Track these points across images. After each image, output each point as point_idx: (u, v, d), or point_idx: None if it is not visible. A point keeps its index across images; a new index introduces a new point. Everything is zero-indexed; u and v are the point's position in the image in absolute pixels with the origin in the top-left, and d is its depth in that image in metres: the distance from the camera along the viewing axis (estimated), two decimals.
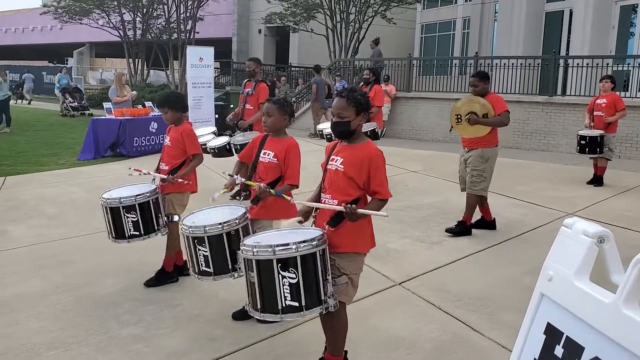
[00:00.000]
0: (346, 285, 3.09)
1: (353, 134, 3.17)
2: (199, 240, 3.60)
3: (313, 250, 2.87)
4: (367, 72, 8.97)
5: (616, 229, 6.31)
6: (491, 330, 3.82)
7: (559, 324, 1.31)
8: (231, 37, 29.53)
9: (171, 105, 4.76)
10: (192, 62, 12.46)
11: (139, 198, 4.39)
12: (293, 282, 2.83)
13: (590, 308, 1.22)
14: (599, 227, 1.29)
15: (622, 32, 16.24)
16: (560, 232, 1.38)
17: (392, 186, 8.26)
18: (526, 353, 1.39)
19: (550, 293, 1.36)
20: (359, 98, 3.11)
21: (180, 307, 4.26)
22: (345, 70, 17.69)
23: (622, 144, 11.23)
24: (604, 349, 1.16)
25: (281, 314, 2.88)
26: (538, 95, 13.50)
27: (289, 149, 3.84)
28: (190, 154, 4.73)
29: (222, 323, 3.95)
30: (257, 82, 7.67)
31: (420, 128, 14.87)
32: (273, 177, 3.85)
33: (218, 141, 7.49)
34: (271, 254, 2.83)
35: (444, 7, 25.80)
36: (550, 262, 1.38)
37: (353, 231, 3.08)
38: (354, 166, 3.09)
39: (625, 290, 1.14)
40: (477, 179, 6.04)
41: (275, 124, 3.90)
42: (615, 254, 1.29)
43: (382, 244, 5.63)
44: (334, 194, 3.13)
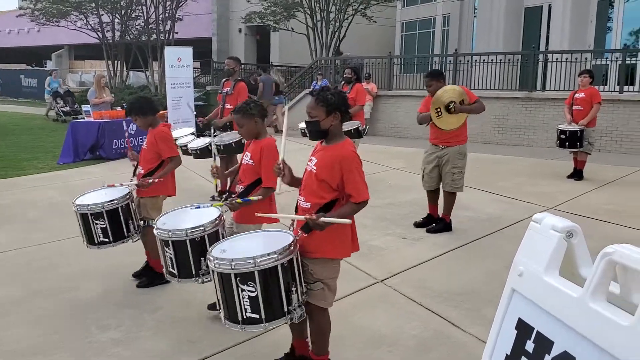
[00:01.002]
0: (322, 291, 3.03)
1: (326, 134, 3.09)
2: (165, 242, 3.59)
3: (274, 264, 2.80)
4: (349, 71, 8.96)
5: (596, 222, 6.39)
6: (472, 326, 3.84)
7: (530, 319, 1.31)
8: (211, 36, 29.38)
9: (137, 111, 4.69)
10: (171, 63, 12.37)
11: (107, 205, 4.33)
12: (252, 295, 2.79)
13: (559, 303, 1.22)
14: (568, 221, 1.29)
15: (600, 26, 16.45)
16: (529, 228, 1.38)
17: (374, 184, 8.36)
18: (498, 349, 1.39)
19: (521, 288, 1.36)
20: (329, 97, 3.01)
21: (161, 310, 4.22)
22: (327, 69, 17.69)
23: (602, 138, 11.36)
24: (572, 343, 1.17)
25: (242, 324, 2.86)
26: (518, 90, 13.60)
27: (262, 149, 3.77)
28: (165, 157, 4.67)
29: (203, 325, 3.92)
30: (236, 81, 7.63)
31: (401, 126, 14.91)
32: (251, 179, 3.81)
33: (199, 142, 7.43)
34: (229, 268, 2.79)
35: (423, 4, 25.90)
36: (520, 258, 1.38)
37: (328, 237, 2.99)
38: (326, 168, 3.00)
39: (592, 284, 1.14)
40: (458, 176, 6.06)
41: (250, 131, 3.86)
42: (584, 248, 1.29)
43: (365, 241, 5.62)
44: (307, 197, 3.07)
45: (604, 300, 1.14)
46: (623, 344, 1.05)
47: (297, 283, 2.91)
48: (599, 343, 1.10)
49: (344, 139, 3.15)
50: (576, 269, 1.29)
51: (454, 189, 6.11)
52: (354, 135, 8.02)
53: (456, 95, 5.90)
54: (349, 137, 8.12)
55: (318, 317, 3.09)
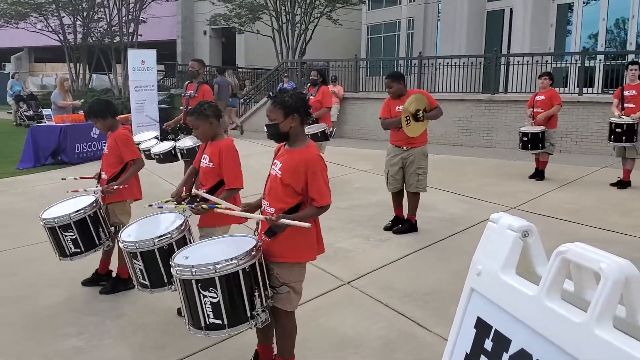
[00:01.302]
0: (288, 295, 3.03)
1: (287, 137, 3.07)
2: (133, 255, 3.54)
3: (235, 269, 2.78)
4: (315, 73, 8.97)
5: (557, 221, 6.53)
6: (437, 325, 3.88)
7: (488, 317, 1.33)
8: (175, 39, 29.08)
9: (97, 114, 4.62)
10: (134, 65, 12.21)
11: (74, 216, 4.23)
12: (214, 301, 2.78)
13: (515, 301, 1.24)
14: (524, 221, 1.31)
15: (560, 30, 16.85)
16: (487, 227, 1.40)
17: (341, 186, 8.39)
18: (458, 348, 1.41)
19: (479, 287, 1.38)
20: (286, 100, 3.00)
21: (125, 317, 4.15)
22: (293, 72, 17.68)
23: (562, 139, 11.62)
24: (529, 340, 1.18)
25: (205, 330, 2.84)
26: (481, 93, 13.83)
27: (222, 150, 3.74)
28: (127, 160, 4.59)
29: (168, 331, 3.87)
30: (199, 83, 7.56)
31: (368, 128, 15.00)
32: (212, 182, 3.77)
33: (162, 146, 7.31)
34: (190, 274, 2.78)
35: (388, 7, 26.14)
36: (479, 257, 1.40)
37: (293, 240, 2.99)
38: (291, 172, 2.98)
39: (547, 282, 1.16)
40: (423, 177, 6.13)
41: (206, 133, 3.83)
42: (540, 247, 1.31)
43: (331, 243, 5.64)
44: (272, 202, 3.06)
45: (559, 298, 1.16)
46: (576, 340, 1.07)
47: (260, 287, 2.90)
48: (555, 340, 1.12)
49: (308, 142, 3.14)
50: (532, 268, 1.31)
51: (419, 189, 6.17)
52: (321, 137, 8.04)
53: (422, 104, 6.02)
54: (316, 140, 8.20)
55: (284, 320, 3.08)
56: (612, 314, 1.05)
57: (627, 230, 6.08)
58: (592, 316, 1.04)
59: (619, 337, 1.01)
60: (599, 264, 1.06)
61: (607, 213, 6.87)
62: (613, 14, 15.79)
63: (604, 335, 1.02)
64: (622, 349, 0.98)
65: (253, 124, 16.53)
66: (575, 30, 16.52)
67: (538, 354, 1.16)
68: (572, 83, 13.50)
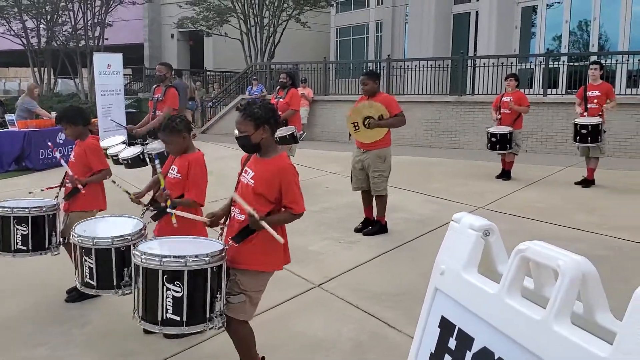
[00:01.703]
0: (243, 304, 2.98)
1: (259, 148, 3.07)
2: (86, 250, 3.42)
3: (205, 266, 2.76)
4: (284, 76, 8.94)
5: (523, 220, 6.65)
6: (407, 326, 3.90)
7: (452, 316, 1.34)
8: (143, 42, 28.74)
9: (69, 120, 4.54)
10: (100, 70, 12.01)
11: (34, 211, 4.13)
12: (177, 295, 2.74)
13: (478, 299, 1.25)
14: (485, 220, 1.33)
15: (525, 32, 17.16)
16: (449, 227, 1.41)
17: (312, 188, 8.39)
18: (423, 347, 1.42)
19: (443, 287, 1.39)
20: (255, 111, 2.99)
21: (91, 324, 4.07)
22: (262, 74, 17.64)
23: (528, 139, 11.83)
24: (491, 338, 1.20)
25: (160, 325, 2.80)
26: (449, 95, 14.00)
27: (191, 163, 3.71)
28: (96, 170, 4.54)
29: (136, 337, 3.80)
30: (167, 87, 7.49)
31: (338, 130, 15.03)
32: (178, 193, 3.72)
33: (130, 151, 7.20)
34: (158, 264, 2.74)
35: (357, 10, 26.28)
36: (442, 257, 1.41)
37: (259, 248, 2.98)
38: (265, 182, 2.99)
39: (507, 280, 1.18)
40: (379, 180, 6.15)
41: (179, 148, 3.79)
42: (500, 245, 1.33)
43: (302, 246, 5.64)
44: (242, 209, 3.03)
45: (519, 296, 1.18)
46: (536, 337, 1.08)
47: (221, 291, 2.88)
48: (515, 337, 1.14)
49: (279, 151, 3.15)
50: (494, 266, 1.33)
51: (376, 192, 6.20)
52: (290, 140, 8.02)
53: (374, 111, 6.03)
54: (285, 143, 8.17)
55: (239, 329, 3.04)
56: (570, 311, 1.07)
57: (592, 228, 6.21)
58: (551, 313, 1.06)
59: (577, 333, 1.03)
60: (557, 262, 1.08)
61: (572, 211, 7.01)
62: (576, 16, 16.15)
63: (562, 332, 1.04)
64: (579, 345, 1.00)
65: (222, 127, 16.44)
66: (540, 33, 16.86)
67: (500, 351, 1.17)
68: (537, 84, 13.77)
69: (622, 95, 12.02)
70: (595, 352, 0.96)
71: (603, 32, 15.77)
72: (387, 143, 6.19)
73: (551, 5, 16.67)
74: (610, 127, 10.17)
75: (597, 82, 8.45)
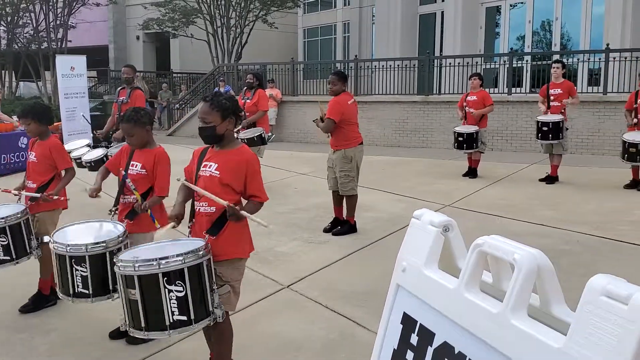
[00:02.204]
0: (229, 294, 3.04)
1: (221, 139, 3.11)
2: (78, 259, 3.35)
3: (199, 260, 2.81)
4: (251, 77, 8.91)
5: (489, 216, 6.75)
6: (376, 324, 3.85)
7: (413, 312, 1.35)
8: (107, 44, 28.29)
9: (36, 115, 4.43)
10: (63, 72, 11.78)
11: (10, 220, 4.03)
12: (181, 295, 2.74)
13: (438, 295, 1.26)
14: (444, 216, 1.34)
15: (489, 32, 17.44)
16: (410, 224, 1.42)
17: (281, 189, 8.37)
18: (387, 344, 1.43)
19: (405, 283, 1.40)
20: (223, 102, 3.06)
21: (55, 332, 3.98)
22: (229, 75, 17.54)
23: (493, 137, 12.01)
24: (451, 333, 1.21)
25: (169, 330, 2.77)
26: (416, 95, 14.12)
27: (157, 159, 3.73)
28: (62, 169, 4.45)
29: (101, 345, 3.73)
30: (132, 89, 7.40)
31: (307, 131, 15.04)
32: (143, 188, 3.74)
33: (94, 154, 7.09)
34: (156, 267, 2.72)
35: (324, 11, 26.31)
36: (403, 254, 1.42)
37: (233, 237, 3.06)
38: (231, 171, 3.04)
39: (466, 275, 1.19)
40: (345, 180, 6.17)
41: (142, 140, 3.76)
42: (460, 241, 1.35)
43: (270, 247, 5.63)
44: (210, 201, 3.04)
45: (477, 290, 1.19)
46: (494, 330, 1.10)
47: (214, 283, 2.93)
48: (474, 331, 1.15)
49: (240, 143, 3.25)
50: (454, 261, 1.34)
51: (343, 193, 6.22)
52: (257, 142, 8.00)
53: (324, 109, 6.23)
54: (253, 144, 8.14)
55: (223, 322, 3.04)
56: (527, 303, 1.09)
57: (556, 224, 6.34)
58: (508, 306, 1.08)
59: (533, 325, 1.05)
60: (513, 255, 1.09)
61: (537, 207, 7.15)
62: (538, 16, 16.47)
63: (518, 324, 1.05)
64: (535, 337, 1.01)
65: (189, 129, 16.29)
66: (504, 33, 17.14)
67: (460, 345, 1.18)
68: (502, 83, 14.00)
69: (583, 93, 12.31)
70: (549, 344, 0.98)
71: (565, 31, 16.12)
72: (352, 143, 6.20)
73: (514, 5, 16.97)
74: (572, 124, 10.40)
75: (559, 80, 8.64)
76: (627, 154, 7.87)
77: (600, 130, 11.46)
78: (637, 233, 5.93)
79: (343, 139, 6.14)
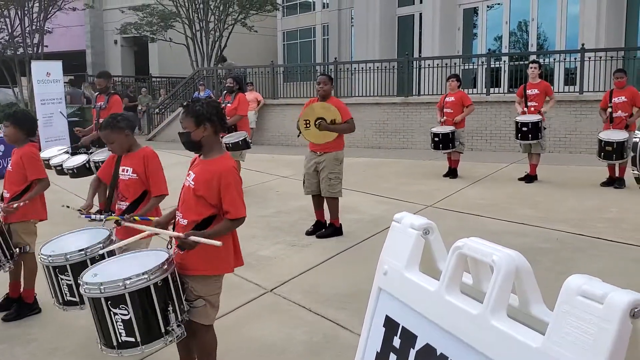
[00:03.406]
0: (204, 308, 2.96)
1: (200, 146, 3.02)
2: (61, 269, 3.35)
3: (146, 284, 2.70)
4: (230, 81, 8.88)
5: (470, 216, 6.80)
6: (360, 326, 3.88)
7: (396, 315, 1.36)
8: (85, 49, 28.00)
9: (16, 121, 4.37)
10: (39, 78, 11.65)
11: None
12: (125, 318, 2.69)
13: (419, 297, 1.28)
14: (424, 219, 1.35)
15: (467, 33, 17.59)
16: (391, 227, 1.43)
17: (263, 193, 8.36)
18: (369, 347, 1.44)
19: (387, 286, 1.41)
20: (197, 109, 2.94)
21: (35, 342, 3.93)
22: (209, 79, 17.46)
23: (472, 137, 12.12)
24: (433, 335, 1.22)
25: (118, 349, 2.74)
26: (395, 96, 14.20)
27: (146, 158, 3.67)
28: (31, 179, 4.35)
29: (82, 354, 3.70)
30: (109, 94, 7.34)
31: (288, 134, 15.03)
32: (136, 193, 3.70)
33: (75, 160, 6.98)
34: (98, 292, 2.68)
35: (303, 14, 26.36)
36: (385, 257, 1.43)
37: (207, 253, 2.89)
38: (204, 183, 2.92)
39: (446, 277, 1.20)
40: (335, 182, 6.19)
41: (122, 145, 3.73)
42: (440, 243, 1.36)
43: (253, 252, 5.61)
44: (185, 213, 2.99)
45: (458, 292, 1.21)
46: (474, 332, 1.11)
47: (174, 302, 2.82)
48: (455, 333, 1.16)
49: (223, 152, 3.10)
50: (434, 264, 1.36)
51: (332, 195, 6.22)
52: (242, 145, 7.99)
53: (329, 114, 6.07)
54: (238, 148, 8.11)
55: (201, 334, 3.01)
56: (506, 304, 1.10)
57: (535, 222, 6.41)
58: (487, 307, 1.09)
59: (512, 325, 1.06)
60: (492, 257, 1.11)
61: (517, 206, 7.23)
62: (515, 17, 16.66)
63: (498, 325, 1.07)
64: (514, 337, 1.03)
65: (170, 134, 16.19)
66: (481, 34, 17.31)
67: (441, 347, 1.20)
68: (480, 84, 14.13)
69: (560, 92, 12.49)
70: (528, 344, 1.00)
71: (541, 32, 16.33)
72: (341, 146, 6.25)
73: (491, 7, 17.15)
74: (550, 123, 10.55)
75: (536, 80, 8.75)
76: (604, 153, 8.00)
77: (577, 129, 11.63)
78: (614, 230, 6.03)
79: (335, 143, 6.17)
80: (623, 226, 6.18)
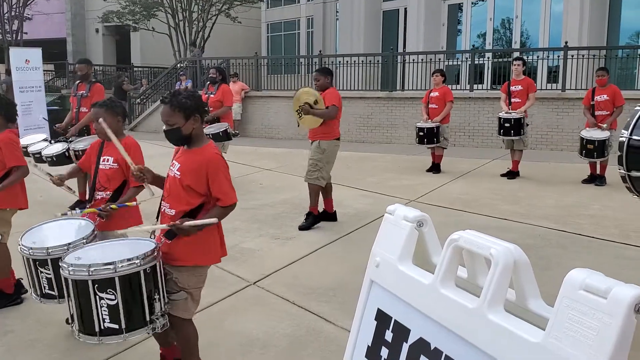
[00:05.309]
0: (185, 302, 2.91)
1: (189, 139, 2.95)
2: (41, 262, 3.27)
3: (136, 269, 2.66)
4: (213, 71, 8.78)
5: (453, 211, 6.82)
6: (344, 319, 3.91)
7: (388, 308, 1.34)
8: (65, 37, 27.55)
9: None
10: (18, 65, 11.42)
11: None
12: (112, 303, 2.64)
13: (413, 290, 1.25)
14: (418, 211, 1.33)
15: (451, 29, 17.62)
16: (384, 219, 1.40)
17: (246, 185, 8.29)
18: (360, 341, 1.41)
19: (379, 279, 1.38)
20: (184, 101, 2.86)
21: (12, 333, 3.84)
22: (191, 70, 17.29)
23: (456, 133, 12.16)
24: (427, 329, 1.20)
25: (99, 336, 2.68)
26: (380, 91, 14.18)
27: (129, 149, 3.60)
28: (10, 166, 4.24)
29: (62, 346, 3.62)
30: (91, 82, 7.20)
31: (272, 126, 14.96)
32: (117, 183, 3.65)
33: (55, 148, 6.86)
34: (86, 274, 2.61)
35: (287, 6, 26.19)
36: (377, 249, 1.40)
37: (194, 243, 2.87)
38: (191, 173, 2.87)
39: (441, 270, 1.18)
40: (312, 168, 6.18)
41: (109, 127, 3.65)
42: (434, 236, 1.34)
43: (236, 244, 5.56)
44: (172, 203, 2.93)
45: (453, 285, 1.18)
46: (471, 326, 1.09)
47: (160, 291, 2.78)
48: (450, 327, 1.14)
49: (207, 141, 3.05)
50: (428, 257, 1.33)
51: (308, 180, 6.24)
52: (223, 137, 7.90)
53: (311, 97, 6.10)
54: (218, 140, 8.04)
55: (182, 328, 2.96)
56: (504, 298, 1.08)
57: (517, 218, 6.45)
58: (484, 301, 1.07)
59: (510, 320, 1.04)
60: (489, 250, 1.09)
61: (499, 202, 7.27)
62: (499, 14, 16.73)
63: (496, 320, 1.05)
64: (513, 332, 1.01)
65: (151, 124, 16.03)
66: (465, 30, 17.35)
67: (436, 341, 1.17)
68: (464, 80, 14.17)
69: (542, 90, 12.57)
70: (527, 338, 0.97)
71: (525, 29, 16.42)
72: (330, 136, 6.22)
73: (476, 3, 17.19)
74: (532, 120, 10.61)
75: (519, 77, 8.80)
76: (585, 150, 8.08)
77: (559, 127, 11.72)
78: (595, 226, 6.09)
79: (321, 132, 6.17)
80: (605, 223, 6.24)
